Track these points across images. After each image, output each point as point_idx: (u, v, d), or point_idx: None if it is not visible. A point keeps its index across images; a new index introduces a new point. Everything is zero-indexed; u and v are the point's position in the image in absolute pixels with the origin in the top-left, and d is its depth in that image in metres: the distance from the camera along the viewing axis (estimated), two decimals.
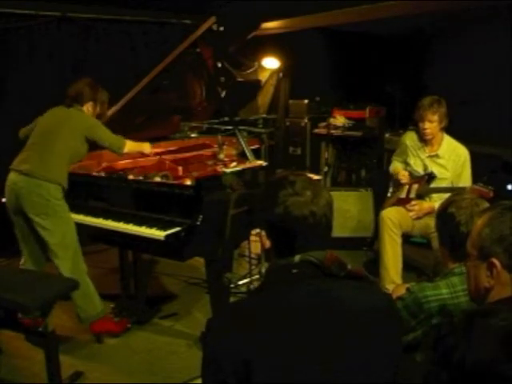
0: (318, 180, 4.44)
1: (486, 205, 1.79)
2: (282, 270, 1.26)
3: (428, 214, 3.50)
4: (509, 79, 4.46)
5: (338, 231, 4.49)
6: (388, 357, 1.22)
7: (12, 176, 2.98)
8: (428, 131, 3.51)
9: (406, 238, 3.68)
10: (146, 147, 3.30)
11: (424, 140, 3.60)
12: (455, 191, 3.24)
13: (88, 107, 3.11)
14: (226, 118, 3.65)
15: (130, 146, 3.13)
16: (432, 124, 3.49)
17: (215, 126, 3.79)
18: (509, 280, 1.25)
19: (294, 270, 1.23)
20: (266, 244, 1.31)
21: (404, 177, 3.71)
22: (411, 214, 3.58)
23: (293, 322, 1.16)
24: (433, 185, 3.58)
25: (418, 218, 3.57)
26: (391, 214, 3.55)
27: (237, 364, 1.11)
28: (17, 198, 2.94)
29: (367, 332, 1.19)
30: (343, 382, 1.15)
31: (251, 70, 5.79)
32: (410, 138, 3.74)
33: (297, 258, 1.24)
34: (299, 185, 1.27)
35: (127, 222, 2.92)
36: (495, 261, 1.25)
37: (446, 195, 2.95)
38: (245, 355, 1.11)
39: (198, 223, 2.70)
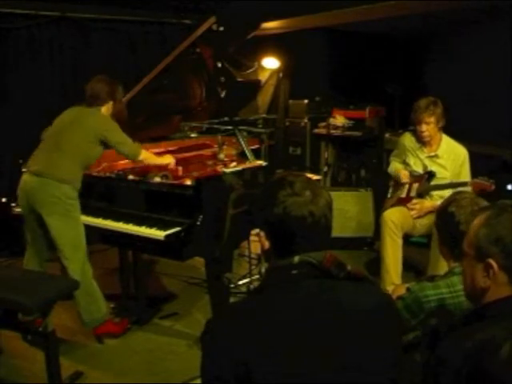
0: (317, 180, 4.44)
1: (486, 204, 1.79)
2: (281, 271, 1.25)
3: (430, 212, 3.49)
4: (509, 79, 4.46)
5: (338, 231, 4.49)
6: (388, 357, 1.22)
7: (24, 176, 2.97)
8: (426, 133, 3.52)
9: (406, 238, 3.68)
10: (168, 159, 3.21)
11: (422, 141, 3.60)
12: (456, 186, 3.25)
13: (108, 107, 3.05)
14: (226, 118, 3.65)
15: (146, 154, 3.08)
16: (429, 126, 3.49)
17: (215, 126, 3.79)
18: (505, 280, 1.24)
19: (294, 271, 1.22)
20: (265, 245, 1.30)
21: (405, 176, 3.71)
22: (412, 212, 3.58)
23: (292, 323, 1.16)
24: (432, 184, 3.58)
25: (419, 216, 3.57)
26: (393, 216, 3.54)
27: (236, 365, 1.10)
28: (28, 197, 2.93)
29: (367, 332, 1.19)
30: (343, 383, 1.14)
31: (251, 70, 5.78)
32: (407, 140, 3.74)
33: (296, 258, 1.23)
34: (298, 185, 1.27)
35: (127, 221, 2.91)
36: (492, 262, 1.25)
37: (447, 193, 2.96)
38: (244, 356, 1.11)
39: (198, 223, 2.70)
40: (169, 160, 3.22)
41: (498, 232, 1.25)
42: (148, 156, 3.13)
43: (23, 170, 3.02)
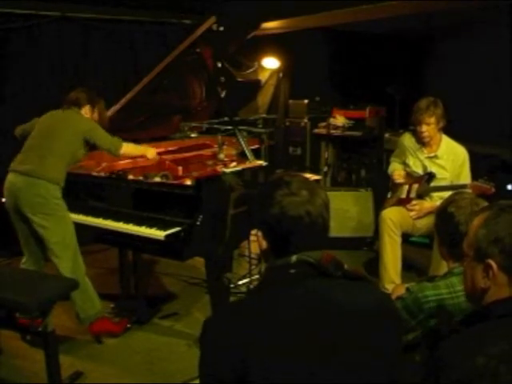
0: (317, 180, 4.45)
1: (485, 204, 1.79)
2: (279, 271, 1.26)
3: (429, 213, 3.49)
4: (509, 79, 4.46)
5: (337, 231, 4.49)
6: (387, 356, 1.22)
7: (11, 177, 2.98)
8: (426, 134, 3.52)
9: (406, 238, 3.68)
10: (150, 152, 3.29)
11: (422, 142, 3.60)
12: (455, 188, 3.25)
13: (86, 110, 3.15)
14: (226, 118, 3.65)
15: (126, 148, 3.13)
16: (429, 126, 3.49)
17: (215, 126, 3.79)
18: (505, 281, 1.24)
19: (291, 270, 1.23)
20: (263, 244, 1.31)
21: (399, 176, 3.71)
22: (412, 213, 3.58)
23: (290, 322, 1.16)
24: (432, 184, 3.58)
25: (419, 217, 3.57)
26: (391, 214, 3.55)
27: (234, 364, 1.11)
28: (15, 198, 2.94)
29: (365, 332, 1.19)
30: (342, 383, 1.14)
31: (251, 70, 5.79)
32: (407, 140, 3.74)
33: (293, 258, 1.23)
34: (295, 185, 1.27)
35: (127, 221, 2.91)
36: (491, 262, 1.24)
37: (447, 194, 2.96)
38: (242, 355, 1.11)
39: (198, 223, 2.70)
40: (151, 154, 3.28)
41: (497, 232, 1.25)
42: (129, 149, 3.17)
43: (8, 169, 3.02)
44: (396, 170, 3.77)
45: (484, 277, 1.27)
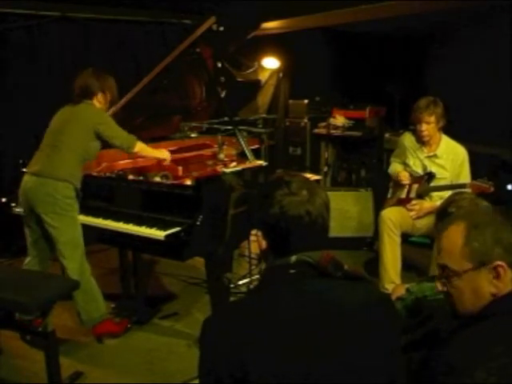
0: (317, 180, 4.45)
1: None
2: (278, 271, 1.26)
3: (429, 213, 3.49)
4: (508, 79, 4.46)
5: (337, 231, 4.49)
6: (387, 356, 1.22)
7: (25, 177, 2.99)
8: (425, 133, 3.52)
9: (406, 238, 3.68)
10: (163, 154, 3.23)
11: (422, 141, 3.61)
12: (455, 188, 3.26)
13: (99, 99, 3.04)
14: (226, 118, 3.66)
15: (141, 146, 3.06)
16: (429, 125, 3.50)
17: (215, 126, 3.79)
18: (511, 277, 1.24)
19: (291, 271, 1.23)
20: (263, 244, 1.31)
21: (405, 177, 3.71)
22: (411, 213, 3.58)
23: (290, 322, 1.16)
24: (432, 184, 3.58)
25: (419, 217, 3.58)
26: (391, 214, 3.56)
27: (233, 364, 1.11)
28: (27, 198, 2.94)
29: (365, 332, 1.19)
30: (342, 383, 1.14)
31: (251, 70, 5.80)
32: (408, 140, 3.75)
33: (293, 258, 1.23)
34: (295, 184, 1.27)
35: (127, 221, 2.91)
36: (501, 263, 1.24)
37: (447, 194, 2.96)
38: (241, 355, 1.11)
39: (198, 223, 2.70)
40: (165, 155, 3.23)
41: (494, 234, 1.24)
42: (143, 148, 3.10)
43: (24, 170, 3.03)
44: (401, 172, 3.75)
45: (494, 279, 1.25)
